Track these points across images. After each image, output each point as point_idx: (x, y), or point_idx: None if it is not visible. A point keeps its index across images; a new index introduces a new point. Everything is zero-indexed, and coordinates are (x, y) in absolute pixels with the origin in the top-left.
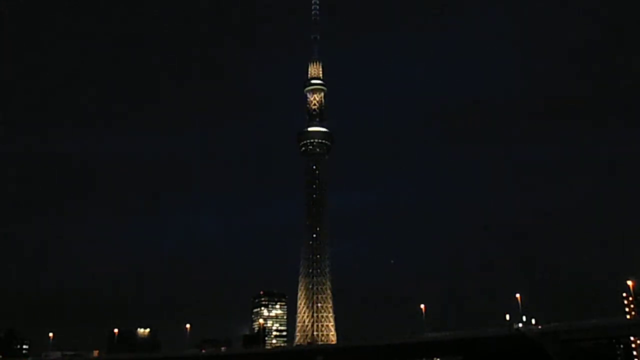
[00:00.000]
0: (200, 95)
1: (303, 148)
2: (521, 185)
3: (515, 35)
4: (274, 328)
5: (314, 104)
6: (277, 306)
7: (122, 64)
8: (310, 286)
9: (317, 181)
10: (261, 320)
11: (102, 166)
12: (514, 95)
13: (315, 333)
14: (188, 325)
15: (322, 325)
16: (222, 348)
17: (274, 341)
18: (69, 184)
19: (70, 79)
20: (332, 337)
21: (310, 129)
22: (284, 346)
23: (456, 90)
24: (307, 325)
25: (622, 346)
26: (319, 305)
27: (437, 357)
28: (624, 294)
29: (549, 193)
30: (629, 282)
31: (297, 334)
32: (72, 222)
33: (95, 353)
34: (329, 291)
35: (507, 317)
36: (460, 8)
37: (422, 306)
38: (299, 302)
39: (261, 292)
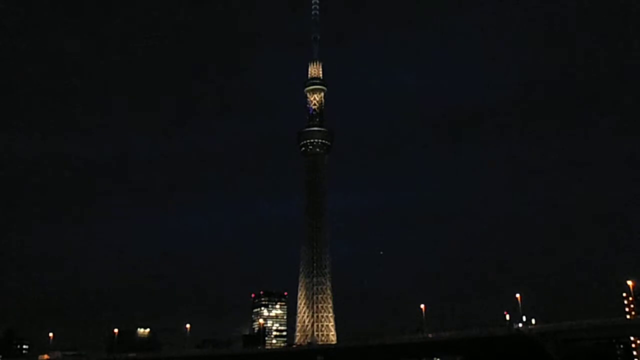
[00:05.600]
0: (200, 96)
1: (303, 148)
2: (520, 186)
3: (514, 36)
4: (274, 328)
5: (314, 104)
6: (277, 306)
7: (122, 64)
8: (310, 286)
9: (317, 181)
10: (261, 320)
11: (102, 167)
12: (513, 96)
13: (315, 333)
14: (188, 325)
15: (322, 325)
16: None
17: (274, 341)
18: (69, 185)
19: (71, 79)
20: (332, 337)
21: (310, 129)
22: (284, 346)
23: (456, 91)
24: (307, 325)
25: (622, 346)
26: (319, 305)
27: (437, 357)
28: (624, 294)
29: (549, 193)
30: (629, 282)
31: (297, 334)
32: (72, 223)
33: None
34: (329, 291)
35: (507, 317)
36: (460, 10)
37: (422, 306)
38: (299, 302)
39: (261, 292)
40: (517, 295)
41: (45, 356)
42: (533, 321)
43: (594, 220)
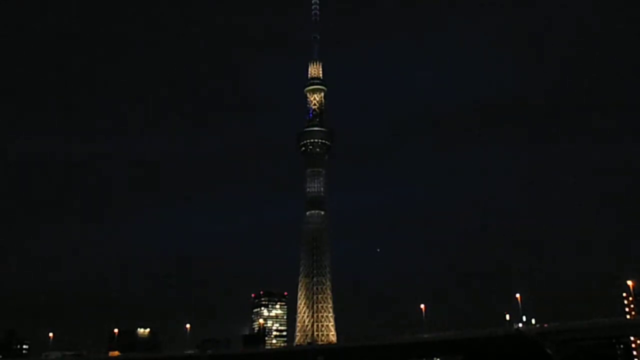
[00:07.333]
0: (200, 96)
1: (303, 148)
2: (520, 186)
3: (514, 37)
4: (274, 328)
5: (314, 104)
6: (277, 306)
7: (120, 65)
8: (310, 286)
9: (317, 181)
10: (261, 320)
11: (102, 166)
12: (513, 97)
13: (315, 333)
14: (188, 325)
15: (322, 325)
16: None
17: (274, 341)
18: (69, 185)
19: (70, 80)
20: (332, 337)
21: (310, 129)
22: (284, 346)
23: (456, 91)
24: (307, 325)
25: (622, 346)
26: (319, 305)
27: (437, 357)
28: (624, 294)
29: (548, 193)
30: (629, 282)
31: (297, 334)
32: (72, 222)
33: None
34: (329, 291)
35: (507, 317)
36: (460, 10)
37: (422, 306)
38: (299, 302)
39: (261, 292)
40: (517, 295)
41: (116, 353)
42: (533, 321)
43: (594, 220)
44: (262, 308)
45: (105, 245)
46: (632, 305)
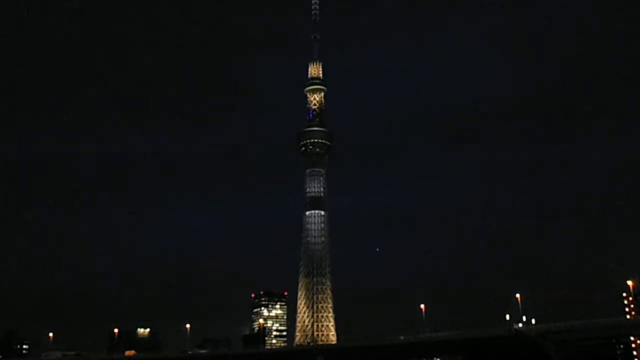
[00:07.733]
0: (200, 96)
1: (303, 148)
2: (520, 186)
3: (514, 38)
4: (274, 328)
5: (314, 104)
6: (277, 306)
7: (120, 65)
8: (310, 286)
9: (317, 181)
10: (261, 320)
11: (102, 166)
12: (513, 97)
13: (315, 333)
14: (188, 325)
15: (322, 325)
16: None
17: (274, 341)
18: (68, 184)
19: (70, 80)
20: (332, 337)
21: (310, 129)
22: (284, 346)
23: (456, 91)
24: (307, 325)
25: (622, 346)
26: (319, 305)
27: (437, 357)
28: (624, 294)
29: (548, 194)
30: (629, 282)
31: (297, 334)
32: (72, 222)
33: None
34: (329, 291)
35: (507, 317)
36: (460, 10)
37: (422, 306)
38: (299, 302)
39: (261, 292)
40: (517, 295)
41: (132, 352)
42: (533, 321)
43: (594, 220)
44: (262, 308)
45: (106, 245)
46: (632, 305)
